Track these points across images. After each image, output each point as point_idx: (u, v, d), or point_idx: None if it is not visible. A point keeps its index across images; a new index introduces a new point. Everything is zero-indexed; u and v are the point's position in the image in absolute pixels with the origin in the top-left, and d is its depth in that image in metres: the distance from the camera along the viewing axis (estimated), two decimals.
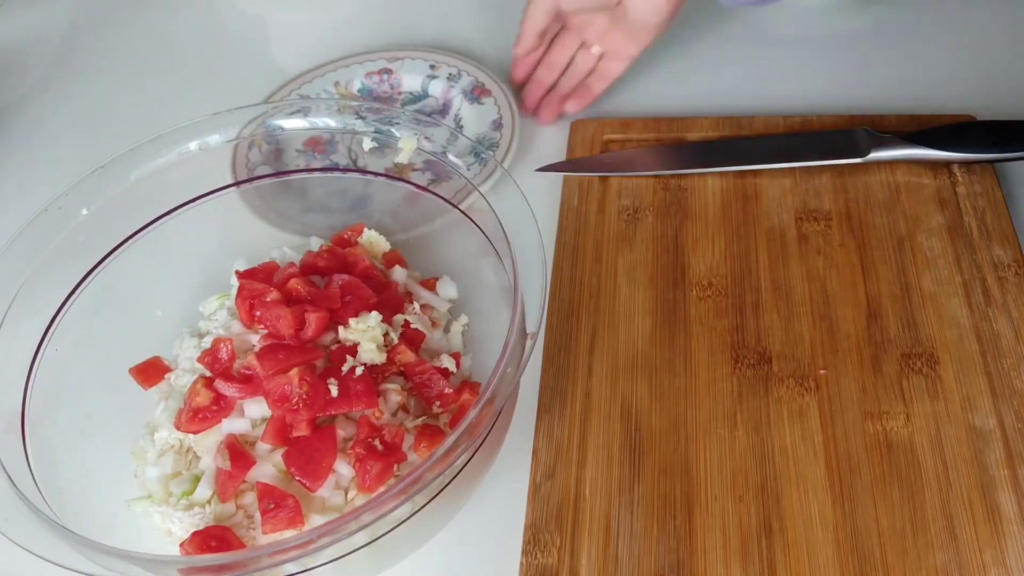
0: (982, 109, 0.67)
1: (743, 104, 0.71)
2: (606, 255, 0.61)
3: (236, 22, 0.87)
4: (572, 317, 0.58)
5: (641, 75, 0.75)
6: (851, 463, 0.50)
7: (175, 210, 0.55)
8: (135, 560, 0.39)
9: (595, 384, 0.55)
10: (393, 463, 0.47)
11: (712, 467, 0.50)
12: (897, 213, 0.61)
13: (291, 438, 0.48)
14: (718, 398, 0.53)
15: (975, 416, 0.51)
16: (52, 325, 0.50)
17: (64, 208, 0.51)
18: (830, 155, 0.64)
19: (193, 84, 0.80)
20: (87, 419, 0.51)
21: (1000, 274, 0.57)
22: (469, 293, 0.56)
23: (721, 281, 0.59)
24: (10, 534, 0.40)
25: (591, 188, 0.65)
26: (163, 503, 0.48)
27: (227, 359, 0.51)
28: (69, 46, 0.86)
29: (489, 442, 0.46)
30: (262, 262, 0.57)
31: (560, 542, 0.48)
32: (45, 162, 0.75)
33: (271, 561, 0.39)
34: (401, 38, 0.83)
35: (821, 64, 0.74)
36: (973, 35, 0.75)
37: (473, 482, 0.48)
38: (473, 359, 0.55)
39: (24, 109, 0.79)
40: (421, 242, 0.58)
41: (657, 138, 0.68)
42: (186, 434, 0.50)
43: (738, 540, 0.48)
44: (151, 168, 0.54)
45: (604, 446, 0.52)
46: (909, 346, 0.55)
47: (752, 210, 0.63)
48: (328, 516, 0.46)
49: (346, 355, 0.49)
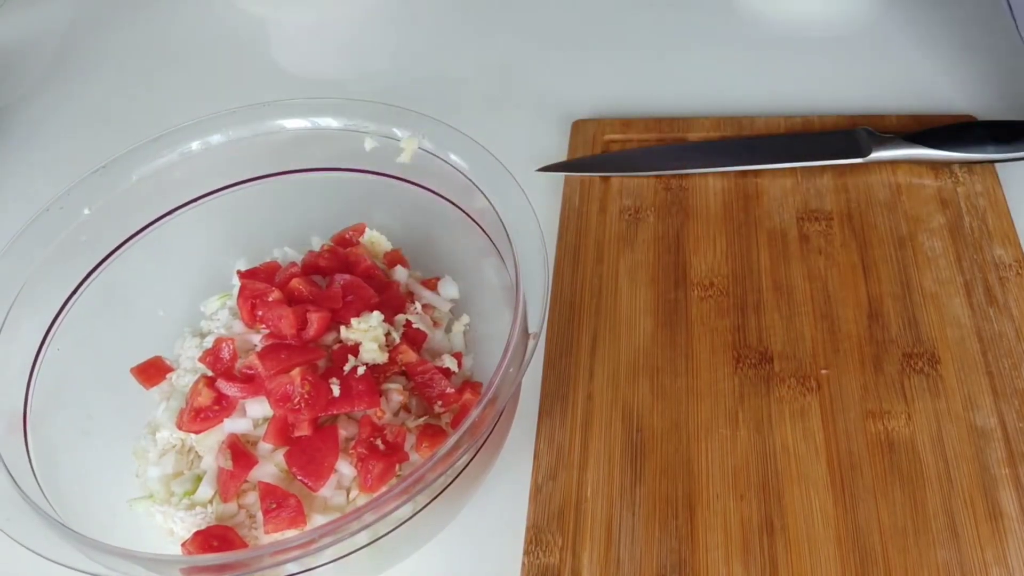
0: (983, 109, 0.67)
1: (744, 104, 0.71)
2: (607, 255, 0.61)
3: (236, 22, 0.87)
4: (574, 317, 0.58)
5: (642, 75, 0.75)
6: (852, 462, 0.50)
7: (177, 210, 0.55)
8: (137, 559, 0.39)
9: (596, 384, 0.55)
10: (395, 463, 0.47)
11: (714, 466, 0.50)
12: (898, 213, 0.61)
13: (293, 438, 0.48)
14: (720, 398, 0.53)
15: (976, 415, 0.51)
16: (53, 325, 0.50)
17: (65, 208, 0.51)
18: (831, 155, 0.64)
19: (193, 84, 0.80)
20: (88, 419, 0.51)
21: (1001, 274, 0.57)
22: (471, 293, 0.56)
23: (722, 281, 0.59)
24: (12, 533, 0.40)
25: (592, 188, 0.65)
26: (165, 503, 0.48)
27: (229, 359, 0.51)
28: (69, 46, 0.86)
29: (491, 442, 0.46)
30: (264, 262, 0.57)
31: (562, 542, 0.48)
32: (45, 162, 0.75)
33: (273, 561, 0.39)
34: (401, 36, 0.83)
35: (821, 64, 0.74)
36: (973, 35, 0.76)
37: (475, 482, 0.48)
38: (475, 359, 0.55)
39: (24, 109, 0.79)
40: (423, 242, 0.58)
41: (658, 138, 0.68)
42: (188, 434, 0.50)
43: (740, 539, 0.48)
44: (152, 168, 0.54)
45: (606, 446, 0.52)
46: (910, 346, 0.55)
47: (753, 210, 0.63)
48: (330, 516, 0.46)
49: (348, 355, 0.49)
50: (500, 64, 0.78)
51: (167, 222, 0.55)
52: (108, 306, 0.53)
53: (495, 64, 0.78)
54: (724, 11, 0.80)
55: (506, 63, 0.78)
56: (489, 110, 0.74)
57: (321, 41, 0.85)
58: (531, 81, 0.76)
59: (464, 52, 0.80)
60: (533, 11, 0.83)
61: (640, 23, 0.81)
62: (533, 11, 0.83)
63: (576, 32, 0.81)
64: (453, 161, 0.52)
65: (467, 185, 0.51)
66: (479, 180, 0.51)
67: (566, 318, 0.58)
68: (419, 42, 0.82)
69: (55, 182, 0.52)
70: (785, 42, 0.77)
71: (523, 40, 0.81)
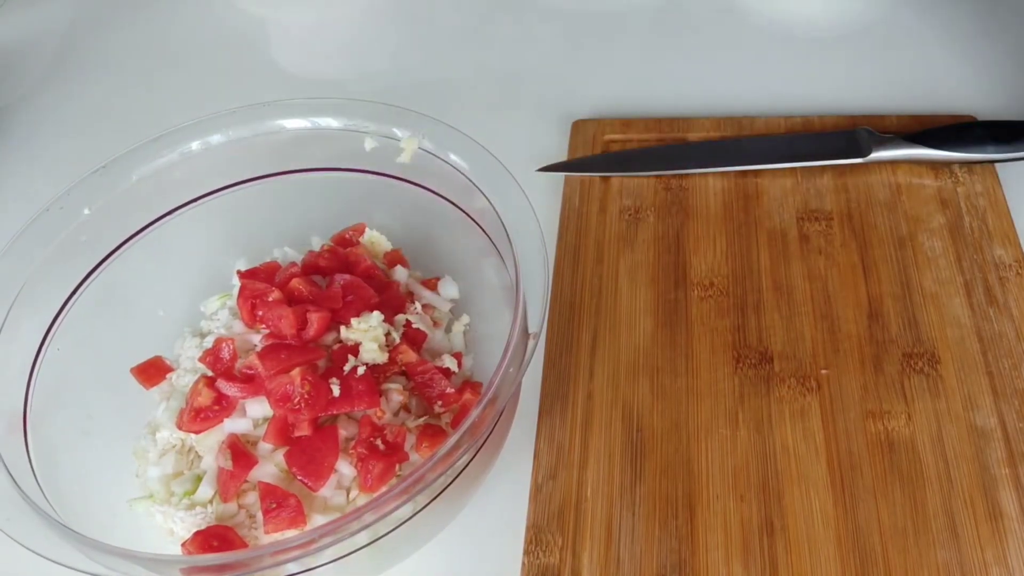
0: (983, 109, 0.67)
1: (744, 104, 0.71)
2: (607, 255, 0.61)
3: (236, 22, 0.87)
4: (574, 317, 0.58)
5: (642, 75, 0.75)
6: (852, 462, 0.50)
7: (177, 210, 0.55)
8: (137, 559, 0.39)
9: (596, 384, 0.55)
10: (395, 463, 0.47)
11: (714, 466, 0.50)
12: (898, 213, 0.61)
13: (293, 438, 0.48)
14: (720, 398, 0.53)
15: (976, 415, 0.51)
16: (53, 325, 0.50)
17: (65, 208, 0.51)
18: (831, 155, 0.64)
19: (193, 84, 0.80)
20: (88, 419, 0.51)
21: (1001, 274, 0.57)
22: (471, 293, 0.56)
23: (722, 281, 0.59)
24: (12, 533, 0.40)
25: (592, 188, 0.65)
26: (165, 503, 0.48)
27: (229, 359, 0.51)
28: (69, 46, 0.86)
29: (491, 442, 0.46)
30: (264, 262, 0.57)
31: (562, 542, 0.48)
32: (45, 162, 0.75)
33: (273, 561, 0.39)
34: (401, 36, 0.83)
35: (821, 64, 0.74)
36: (973, 35, 0.76)
37: (475, 482, 0.48)
38: (475, 359, 0.55)
39: (24, 109, 0.79)
40: (423, 242, 0.58)
41: (658, 138, 0.68)
42: (188, 434, 0.50)
43: (740, 539, 0.48)
44: (153, 168, 0.54)
45: (606, 446, 0.52)
46: (910, 346, 0.55)
47: (753, 210, 0.63)
48: (330, 516, 0.46)
49: (348, 355, 0.49)
50: (500, 64, 0.78)
51: (167, 222, 0.55)
52: (108, 306, 0.53)
53: (495, 64, 0.78)
54: (724, 11, 0.80)
55: (506, 63, 0.78)
56: (489, 110, 0.74)
57: (321, 41, 0.85)
58: (531, 81, 0.76)
59: (464, 52, 0.80)
60: (533, 11, 0.83)
61: (640, 23, 0.81)
62: (533, 11, 0.83)
63: (576, 32, 0.81)
64: (453, 161, 0.52)
65: (467, 185, 0.51)
66: (479, 180, 0.51)
67: (566, 318, 0.58)
68: (419, 42, 0.82)
69: (55, 182, 0.52)
70: (785, 42, 0.77)
71: (523, 40, 0.81)
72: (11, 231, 0.50)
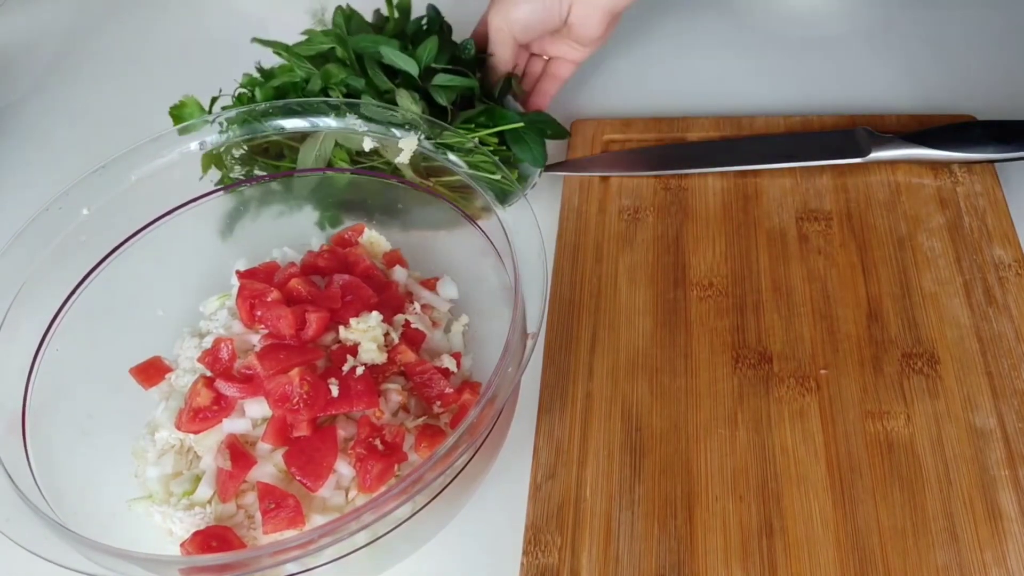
0: (982, 109, 0.67)
1: (743, 104, 0.71)
2: (607, 255, 0.61)
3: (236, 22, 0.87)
4: (573, 317, 0.58)
5: (641, 75, 0.75)
6: (852, 463, 0.50)
7: (176, 210, 0.55)
8: (136, 560, 0.39)
9: (596, 384, 0.55)
10: (394, 463, 0.47)
11: (713, 467, 0.50)
12: (898, 213, 0.61)
13: (292, 438, 0.48)
14: (719, 398, 0.53)
15: (976, 416, 0.51)
16: (53, 325, 0.50)
17: (65, 208, 0.51)
18: (831, 155, 0.64)
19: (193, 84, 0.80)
20: (88, 419, 0.51)
21: (1001, 274, 0.57)
22: (470, 293, 0.56)
23: (722, 281, 0.59)
24: (10, 534, 0.40)
25: (592, 188, 0.65)
26: (164, 503, 0.48)
27: (228, 359, 0.51)
28: (69, 46, 0.86)
29: (490, 442, 0.46)
30: (263, 262, 0.57)
31: (561, 542, 0.48)
32: (45, 162, 0.75)
33: (272, 561, 0.39)
34: None
35: (821, 64, 0.74)
36: (973, 35, 0.75)
37: (474, 482, 0.48)
38: (474, 359, 0.55)
39: (24, 109, 0.79)
40: (421, 242, 0.58)
41: (658, 138, 0.68)
42: (187, 434, 0.50)
43: (739, 540, 0.48)
44: (151, 168, 0.54)
45: (605, 446, 0.52)
46: (910, 346, 0.55)
47: (753, 210, 0.63)
48: (329, 516, 0.46)
49: (347, 355, 0.49)
50: None
51: (167, 222, 0.55)
52: (107, 306, 0.53)
53: None
54: (724, 11, 0.80)
55: None
56: None
57: None
58: None
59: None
60: None
61: (640, 23, 0.81)
62: None
63: None
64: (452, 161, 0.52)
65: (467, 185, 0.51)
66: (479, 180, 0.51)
67: (565, 318, 0.58)
68: None
69: (55, 182, 0.52)
70: (785, 42, 0.77)
71: None
72: (11, 231, 0.50)
